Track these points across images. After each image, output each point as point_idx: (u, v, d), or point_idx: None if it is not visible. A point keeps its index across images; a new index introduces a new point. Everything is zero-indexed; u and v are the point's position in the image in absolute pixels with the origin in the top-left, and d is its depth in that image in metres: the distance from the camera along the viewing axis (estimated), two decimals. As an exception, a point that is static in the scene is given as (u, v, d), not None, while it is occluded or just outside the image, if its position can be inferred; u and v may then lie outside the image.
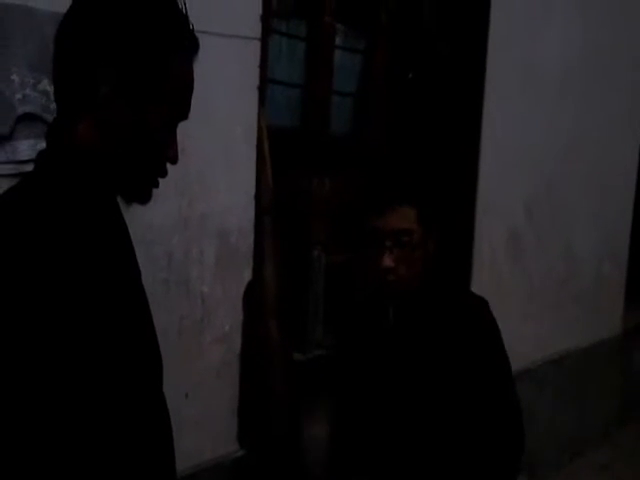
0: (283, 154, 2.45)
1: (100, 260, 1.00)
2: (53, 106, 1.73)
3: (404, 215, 1.64)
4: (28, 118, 1.68)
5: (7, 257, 0.91)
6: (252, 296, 2.21)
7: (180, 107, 1.07)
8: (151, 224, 1.89)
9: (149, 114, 1.02)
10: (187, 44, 1.05)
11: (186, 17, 1.05)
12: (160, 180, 1.10)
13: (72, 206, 1.00)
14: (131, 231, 1.16)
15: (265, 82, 2.29)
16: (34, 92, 1.68)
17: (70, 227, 0.98)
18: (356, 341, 1.82)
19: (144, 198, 1.08)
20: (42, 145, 1.73)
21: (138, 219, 1.68)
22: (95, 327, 0.95)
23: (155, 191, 1.11)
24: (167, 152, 1.07)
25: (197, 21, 1.09)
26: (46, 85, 1.70)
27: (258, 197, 2.21)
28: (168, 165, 1.09)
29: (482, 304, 1.74)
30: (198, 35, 1.08)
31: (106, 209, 1.07)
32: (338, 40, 2.73)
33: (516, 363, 1.83)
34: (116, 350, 0.99)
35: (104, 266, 1.01)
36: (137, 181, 1.07)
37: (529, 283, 3.49)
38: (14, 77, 1.63)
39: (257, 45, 2.15)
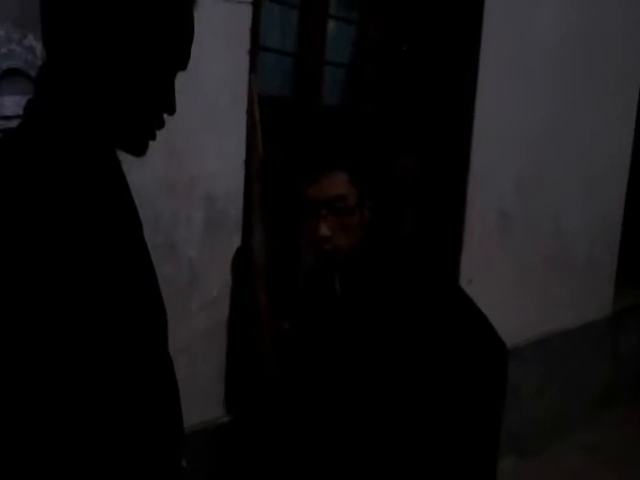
0: (274, 123, 2.44)
1: (101, 216, 0.96)
2: (39, 62, 1.73)
3: (335, 180, 1.58)
4: (13, 73, 1.66)
5: (4, 217, 0.88)
6: (241, 262, 2.21)
7: (177, 56, 1.02)
8: (138, 186, 1.86)
9: (144, 63, 0.98)
10: None
11: None
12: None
13: (69, 158, 0.96)
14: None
15: (257, 48, 2.27)
16: (19, 47, 1.66)
17: (68, 180, 0.94)
18: (306, 313, 1.78)
19: (140, 150, 1.04)
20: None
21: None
22: (99, 284, 0.92)
23: None
24: (164, 102, 1.02)
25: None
26: (32, 40, 1.68)
27: (248, 163, 2.20)
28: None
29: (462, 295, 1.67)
30: None
31: (104, 161, 1.02)
32: (332, 9, 2.70)
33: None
34: (120, 308, 0.95)
35: (105, 222, 0.97)
36: (132, 131, 1.02)
37: (519, 262, 3.48)
38: (-1, 31, 1.62)
39: (249, 9, 2.12)
